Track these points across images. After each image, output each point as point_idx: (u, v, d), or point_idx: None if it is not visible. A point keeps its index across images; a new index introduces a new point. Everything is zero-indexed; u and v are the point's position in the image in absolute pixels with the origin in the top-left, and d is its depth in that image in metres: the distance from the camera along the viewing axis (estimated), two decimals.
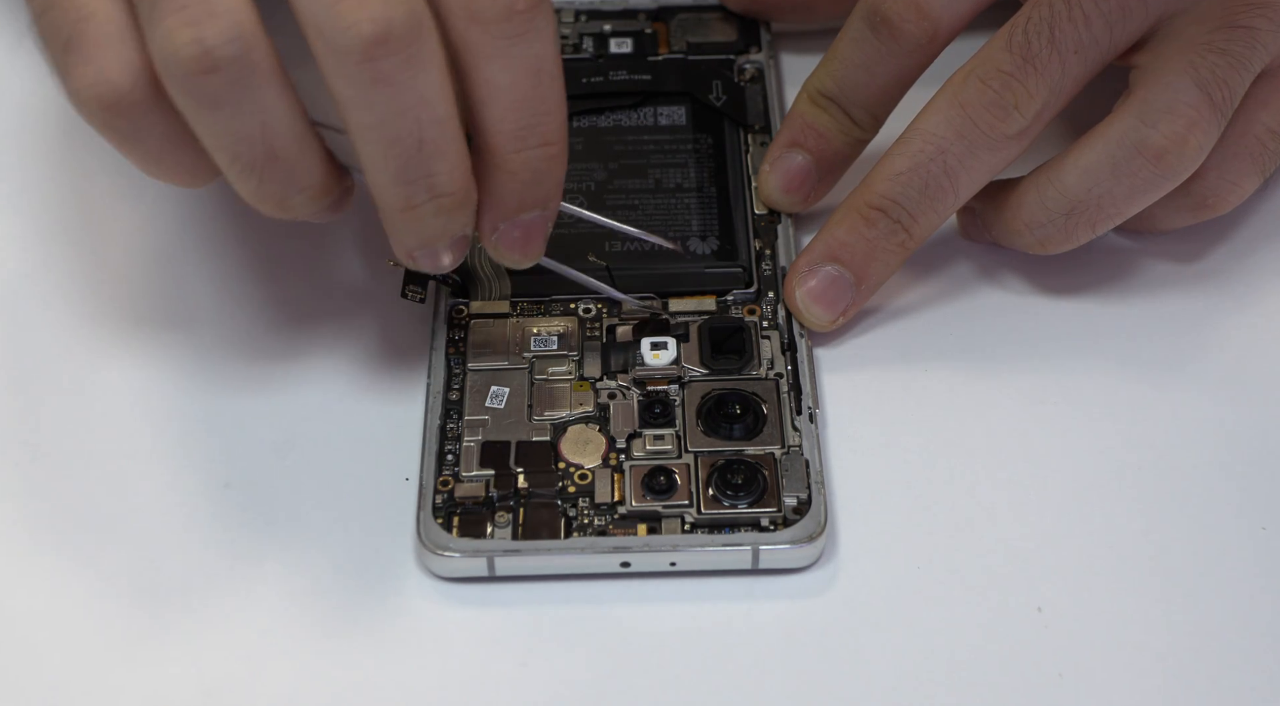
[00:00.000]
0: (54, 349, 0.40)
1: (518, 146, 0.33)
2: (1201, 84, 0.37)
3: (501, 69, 0.32)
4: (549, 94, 0.33)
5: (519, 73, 0.32)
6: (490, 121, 0.33)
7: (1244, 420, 0.38)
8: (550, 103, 0.33)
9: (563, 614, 0.35)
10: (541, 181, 0.34)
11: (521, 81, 0.33)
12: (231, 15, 0.31)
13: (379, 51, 0.31)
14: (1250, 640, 0.34)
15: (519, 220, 0.35)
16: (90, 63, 0.32)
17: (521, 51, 0.32)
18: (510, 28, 0.32)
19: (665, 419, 0.37)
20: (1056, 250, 0.39)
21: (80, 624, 0.35)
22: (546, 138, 0.33)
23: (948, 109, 0.37)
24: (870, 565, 0.35)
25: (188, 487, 0.37)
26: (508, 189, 0.34)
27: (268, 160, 0.32)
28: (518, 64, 0.32)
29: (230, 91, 0.31)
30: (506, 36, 0.32)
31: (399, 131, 0.32)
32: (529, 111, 0.33)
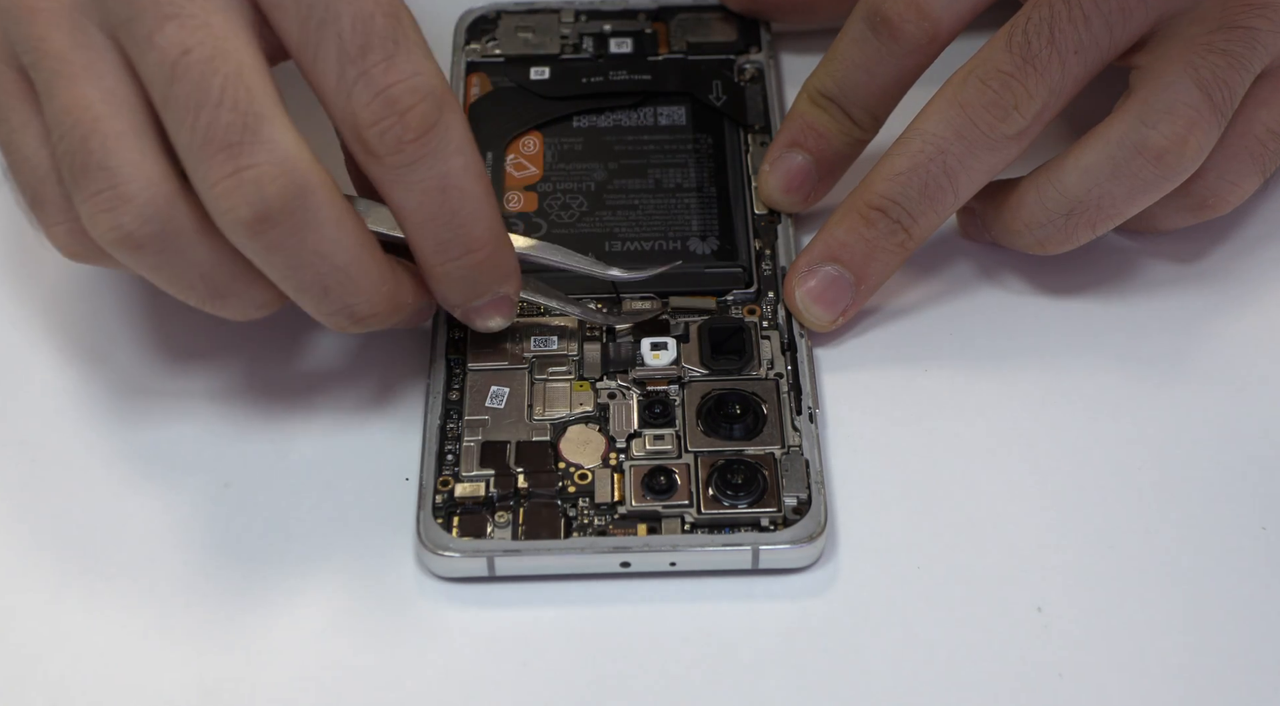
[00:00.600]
0: (53, 348, 0.40)
1: (441, 260, 0.34)
2: (1202, 84, 0.37)
3: (405, 194, 0.33)
4: (462, 205, 0.34)
5: (424, 194, 0.33)
6: (411, 240, 0.34)
7: (1244, 420, 0.38)
8: (465, 214, 0.34)
9: (563, 614, 0.35)
10: (477, 282, 0.35)
11: (428, 202, 0.33)
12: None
13: (261, 228, 0.32)
14: (1250, 640, 0.34)
15: (472, 306, 0.36)
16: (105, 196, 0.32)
17: (421, 175, 0.33)
18: (404, 157, 0.33)
19: (665, 419, 0.37)
20: (1056, 250, 0.39)
21: (80, 624, 0.35)
22: (468, 247, 0.34)
23: (947, 109, 0.37)
24: (870, 565, 0.35)
25: (188, 487, 0.37)
26: (449, 291, 0.35)
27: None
28: (419, 187, 0.33)
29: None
30: (402, 166, 0.33)
31: (303, 282, 0.33)
32: (443, 228, 0.34)
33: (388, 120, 0.32)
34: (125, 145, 0.32)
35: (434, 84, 0.33)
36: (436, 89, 0.33)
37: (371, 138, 0.33)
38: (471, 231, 0.34)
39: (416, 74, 0.33)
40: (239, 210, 0.32)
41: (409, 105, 0.32)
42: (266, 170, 0.32)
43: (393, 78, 0.32)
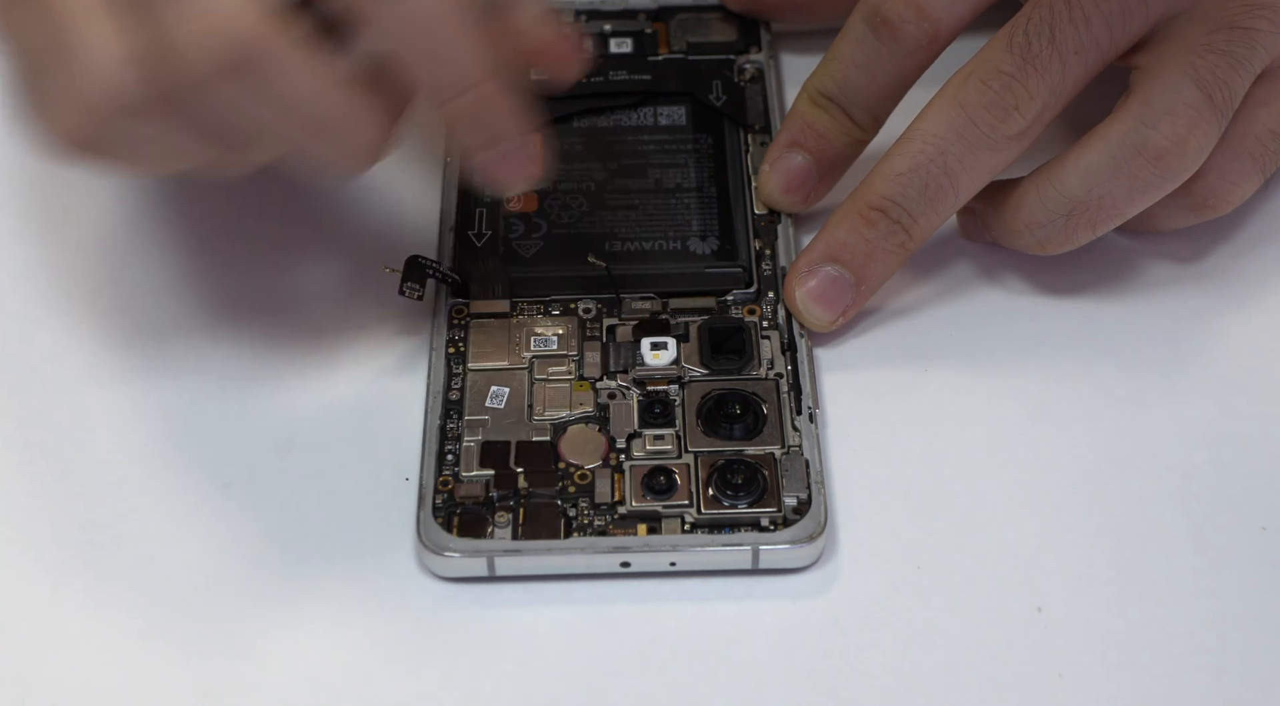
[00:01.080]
0: (53, 348, 0.40)
1: (440, 99, 0.33)
2: (1202, 85, 0.37)
3: (388, 37, 0.32)
4: (444, 40, 0.32)
5: (403, 32, 0.32)
6: (416, 80, 0.33)
7: (1244, 420, 0.38)
8: (450, 48, 0.32)
9: (563, 614, 0.35)
10: (486, 120, 0.34)
11: (411, 39, 0.32)
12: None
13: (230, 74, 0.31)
14: (1250, 640, 0.34)
15: (493, 154, 0.34)
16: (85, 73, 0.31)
17: (394, 11, 0.32)
18: None
19: (665, 419, 0.37)
20: (1057, 251, 0.39)
21: (80, 624, 0.35)
22: (463, 82, 0.33)
23: (948, 109, 0.37)
24: (870, 565, 0.35)
25: (188, 487, 0.37)
26: (461, 133, 0.34)
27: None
28: (397, 26, 0.32)
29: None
30: (376, 6, 0.32)
31: (290, 132, 0.32)
32: (431, 66, 0.32)
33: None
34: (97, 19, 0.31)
35: None
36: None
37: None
38: (461, 66, 0.33)
39: None
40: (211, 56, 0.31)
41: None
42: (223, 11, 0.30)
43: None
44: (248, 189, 0.43)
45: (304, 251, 0.41)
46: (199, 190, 0.43)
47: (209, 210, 0.43)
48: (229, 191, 0.43)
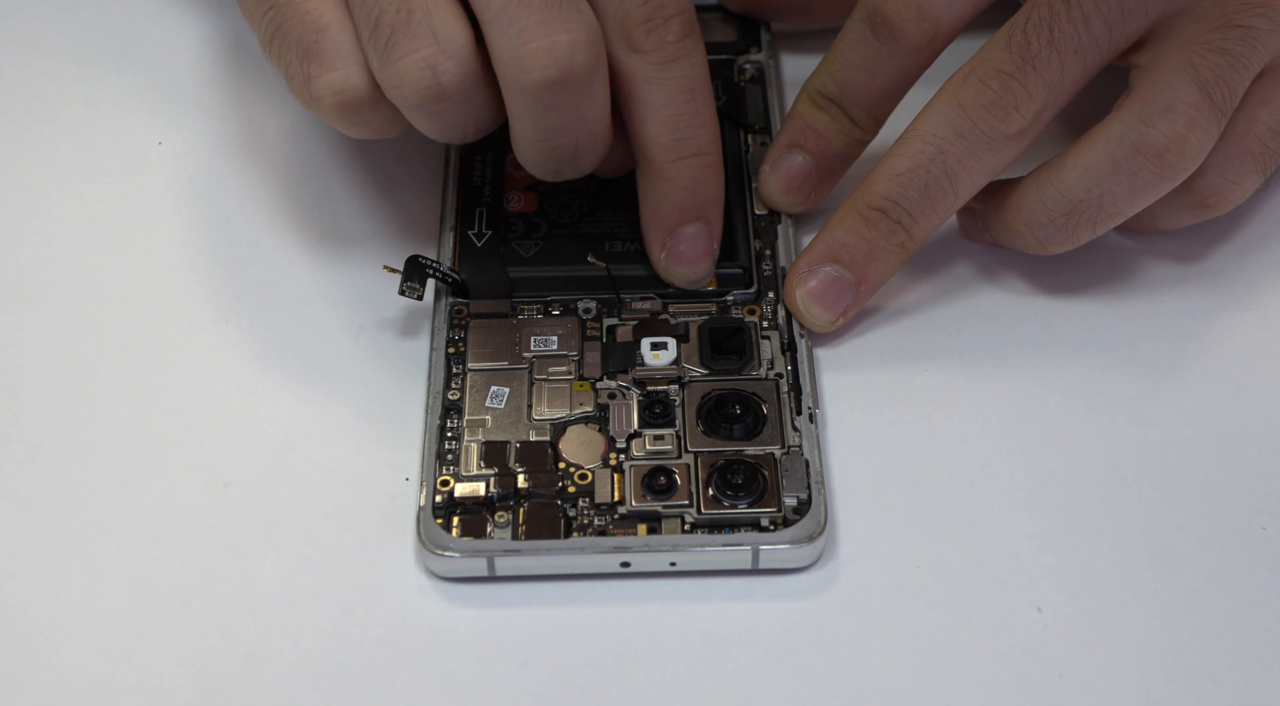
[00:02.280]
0: (53, 349, 0.40)
1: (674, 156, 0.37)
2: (1201, 83, 0.37)
3: (657, 90, 0.37)
4: (700, 110, 0.37)
5: (672, 92, 0.37)
6: (648, 136, 0.37)
7: (1244, 420, 0.38)
8: (702, 117, 0.37)
9: (563, 614, 0.35)
10: (699, 190, 0.38)
11: (675, 99, 0.37)
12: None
13: (557, 89, 0.35)
14: (1250, 640, 0.34)
15: (683, 234, 0.38)
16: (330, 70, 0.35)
17: (675, 74, 0.37)
18: (664, 55, 0.36)
19: (665, 419, 0.37)
20: (1057, 250, 0.39)
21: (80, 623, 0.35)
22: (700, 148, 0.37)
23: (947, 109, 0.37)
24: (870, 565, 0.35)
25: (188, 487, 0.37)
26: (668, 198, 0.38)
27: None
28: (671, 85, 0.37)
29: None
30: (661, 63, 0.36)
31: (558, 144, 0.36)
32: (682, 125, 0.37)
33: (655, 21, 0.36)
34: (448, 13, 0.35)
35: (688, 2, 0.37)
36: (689, 6, 0.37)
37: (639, 34, 0.36)
38: (705, 135, 0.37)
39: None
40: (547, 70, 0.35)
41: (673, 13, 0.36)
42: (580, 37, 0.35)
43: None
44: (247, 191, 0.43)
45: (304, 251, 0.41)
46: (199, 191, 0.43)
47: (209, 210, 0.43)
48: (228, 192, 0.43)
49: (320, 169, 0.43)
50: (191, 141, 0.44)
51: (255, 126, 0.44)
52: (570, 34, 0.34)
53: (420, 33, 0.34)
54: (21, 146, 0.44)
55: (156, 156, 0.44)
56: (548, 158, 0.37)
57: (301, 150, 0.43)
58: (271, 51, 0.37)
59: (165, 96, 0.45)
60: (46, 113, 0.45)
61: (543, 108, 0.35)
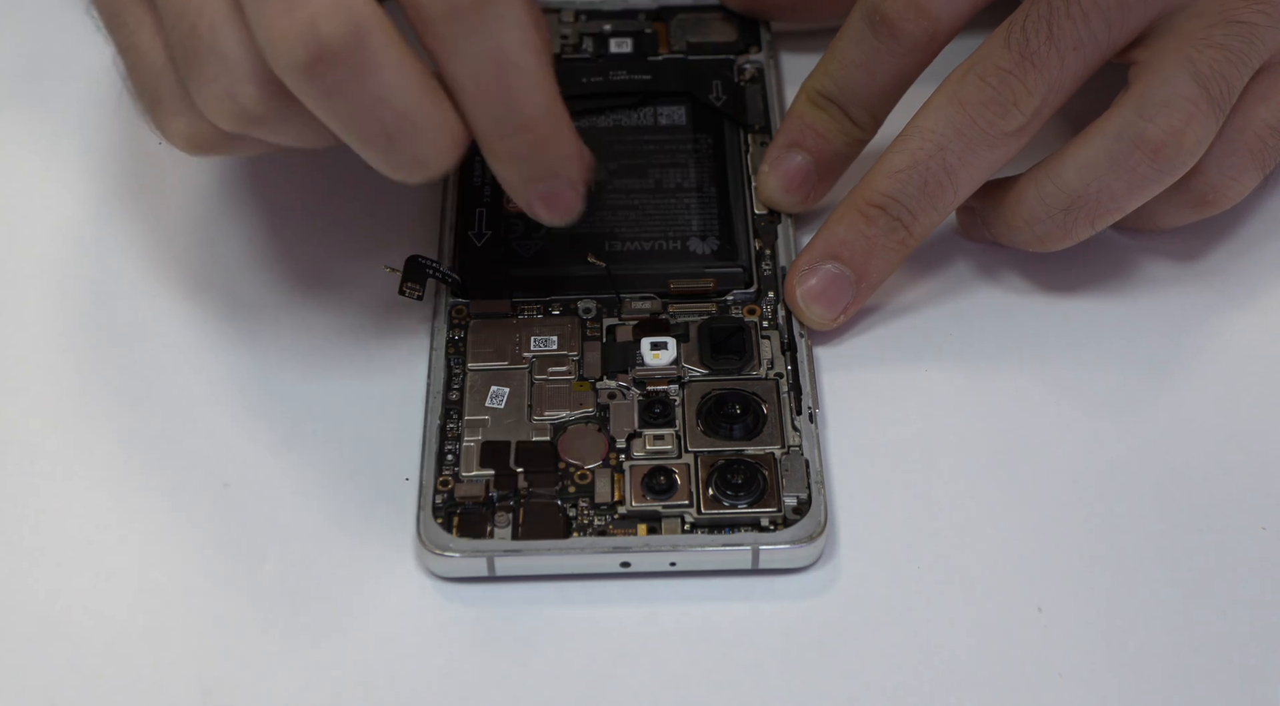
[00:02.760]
0: (53, 349, 0.40)
1: (497, 135, 0.33)
2: (1199, 78, 0.36)
3: (458, 65, 0.32)
4: (517, 82, 0.33)
5: (477, 67, 0.32)
6: (466, 114, 0.33)
7: (1244, 420, 0.38)
8: (520, 91, 0.33)
9: (563, 614, 0.35)
10: (536, 161, 0.34)
11: (482, 75, 0.32)
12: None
13: (317, 70, 0.31)
14: (1250, 640, 0.34)
15: (538, 190, 0.35)
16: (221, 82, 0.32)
17: (475, 47, 0.32)
18: (457, 26, 0.32)
19: (665, 419, 0.37)
20: (1056, 247, 0.39)
21: (80, 623, 0.35)
22: (522, 124, 0.33)
23: (946, 106, 0.37)
24: (870, 565, 0.35)
25: (188, 487, 0.37)
26: (505, 170, 0.34)
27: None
28: (473, 59, 0.32)
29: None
30: (456, 36, 0.32)
31: (366, 130, 0.32)
32: (496, 103, 0.33)
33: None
34: (232, 26, 0.32)
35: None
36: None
37: (424, 5, 0.32)
38: (526, 108, 0.33)
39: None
40: (295, 52, 0.31)
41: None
42: (320, 8, 0.31)
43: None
44: (248, 189, 0.43)
45: (304, 251, 0.41)
46: (199, 190, 0.43)
47: (209, 210, 0.43)
48: (228, 192, 0.43)
49: (321, 168, 0.43)
50: None
51: None
52: (310, 6, 0.31)
53: (209, 57, 0.32)
54: (21, 146, 0.44)
55: (161, 149, 0.44)
56: (367, 153, 0.33)
57: (302, 150, 0.43)
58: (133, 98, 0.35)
59: None
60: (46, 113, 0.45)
61: (319, 95, 0.31)
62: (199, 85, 0.32)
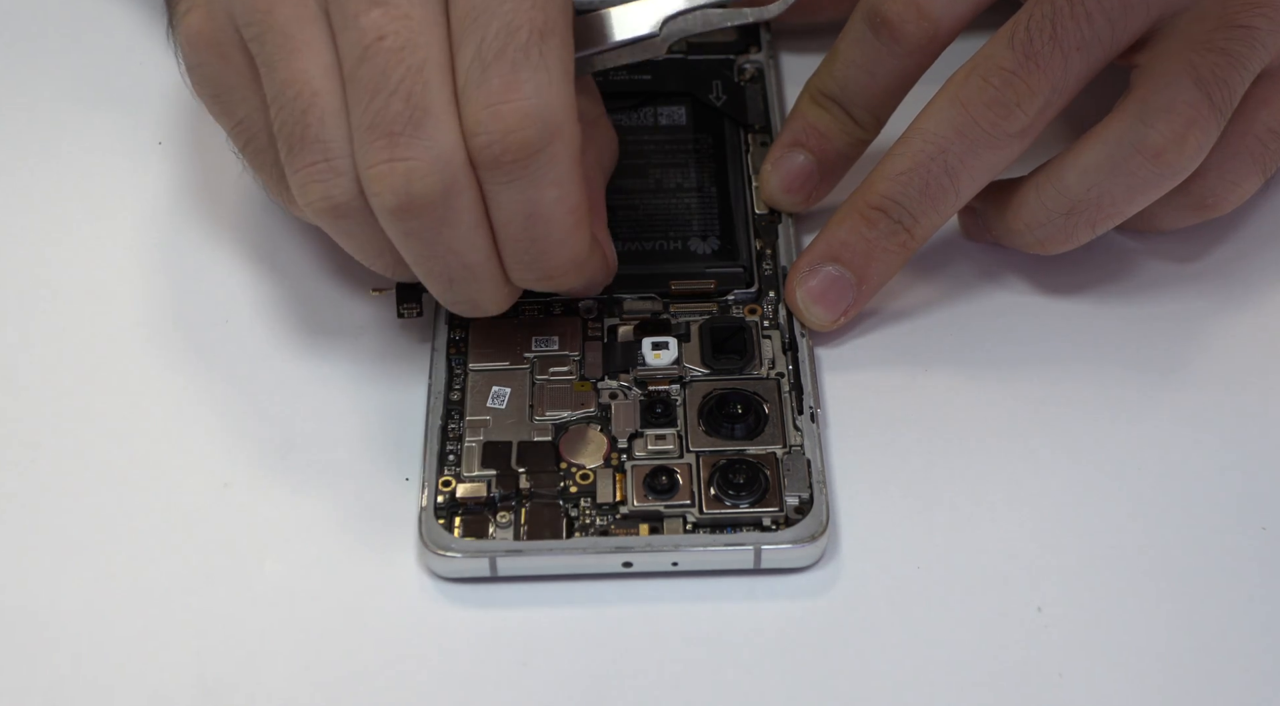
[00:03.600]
0: (53, 349, 0.40)
1: (520, 276, 0.35)
2: (1200, 83, 0.37)
3: (494, 208, 0.34)
4: (546, 236, 0.34)
5: (510, 214, 0.34)
6: (503, 253, 0.35)
7: (1244, 420, 0.38)
8: (547, 243, 0.34)
9: (565, 614, 0.35)
10: (558, 289, 0.36)
11: (514, 222, 0.34)
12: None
13: (405, 216, 0.33)
14: (1250, 640, 0.34)
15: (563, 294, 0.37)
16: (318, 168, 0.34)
17: (511, 196, 0.33)
18: (498, 175, 0.33)
19: (667, 419, 0.37)
20: (1057, 250, 0.39)
21: (80, 623, 0.35)
22: (545, 272, 0.35)
23: (949, 108, 0.37)
24: (871, 565, 0.35)
25: (188, 487, 0.37)
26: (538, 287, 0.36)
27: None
28: (507, 207, 0.34)
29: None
30: (497, 184, 0.33)
31: (433, 269, 0.35)
32: (523, 250, 0.34)
33: (491, 135, 0.33)
34: (340, 122, 0.33)
35: (549, 110, 0.33)
36: (550, 117, 0.33)
37: (473, 147, 0.33)
38: (551, 260, 0.35)
39: (534, 97, 0.32)
40: (385, 197, 0.33)
41: (513, 127, 0.33)
42: (418, 166, 0.33)
43: (509, 94, 0.33)
44: (249, 189, 0.43)
45: (304, 251, 0.41)
46: (200, 190, 0.43)
47: (209, 210, 0.42)
48: (229, 192, 0.43)
49: None
50: (191, 141, 0.44)
51: None
52: (409, 161, 0.33)
53: (314, 145, 0.33)
54: (22, 146, 0.44)
55: (157, 156, 0.44)
56: (431, 285, 0.35)
57: None
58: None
59: (165, 96, 0.45)
60: (48, 112, 0.45)
61: (401, 234, 0.34)
62: (297, 169, 0.34)
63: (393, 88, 0.32)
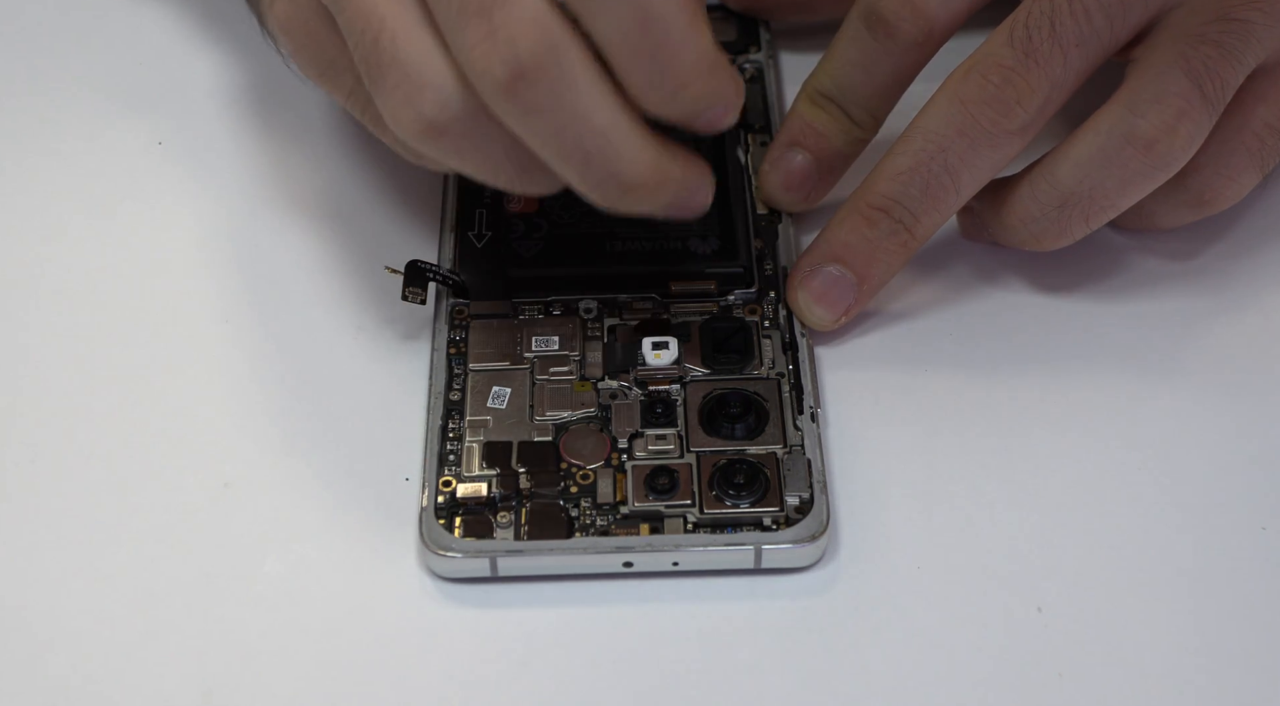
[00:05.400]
0: (53, 349, 0.40)
1: (654, 97, 0.33)
2: (1192, 74, 0.36)
3: (605, 25, 0.33)
4: (667, 38, 0.32)
5: (622, 26, 0.32)
6: (621, 77, 0.33)
7: (1244, 420, 0.38)
8: (671, 47, 0.32)
9: (565, 614, 0.35)
10: (697, 108, 0.34)
11: (629, 34, 0.32)
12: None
13: (519, 87, 0.32)
14: (1250, 640, 0.34)
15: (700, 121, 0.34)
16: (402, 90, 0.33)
17: (614, 10, 0.32)
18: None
19: (667, 418, 0.37)
20: (1052, 246, 0.39)
21: (80, 623, 0.35)
22: (680, 82, 0.33)
23: (948, 106, 0.37)
24: (872, 565, 0.35)
25: (188, 487, 0.37)
26: (672, 117, 0.34)
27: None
28: (618, 18, 0.32)
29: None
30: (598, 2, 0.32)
31: (565, 148, 0.33)
32: (648, 63, 0.33)
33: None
34: (413, 38, 0.33)
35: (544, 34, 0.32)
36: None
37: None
38: (682, 66, 0.33)
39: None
40: (495, 70, 0.32)
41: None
42: (519, 27, 0.32)
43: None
44: (247, 190, 0.43)
45: (304, 251, 0.41)
46: (199, 192, 0.43)
47: (208, 211, 0.42)
48: (227, 193, 0.43)
49: (320, 169, 0.43)
50: (191, 141, 0.44)
51: (255, 127, 0.44)
52: (509, 27, 0.32)
53: (391, 68, 0.33)
54: (21, 146, 0.44)
55: (156, 156, 0.44)
56: (568, 172, 0.34)
57: (301, 151, 0.43)
58: None
59: (165, 96, 0.45)
60: (47, 112, 0.45)
61: (520, 113, 0.32)
62: (382, 96, 0.33)
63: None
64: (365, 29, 0.33)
